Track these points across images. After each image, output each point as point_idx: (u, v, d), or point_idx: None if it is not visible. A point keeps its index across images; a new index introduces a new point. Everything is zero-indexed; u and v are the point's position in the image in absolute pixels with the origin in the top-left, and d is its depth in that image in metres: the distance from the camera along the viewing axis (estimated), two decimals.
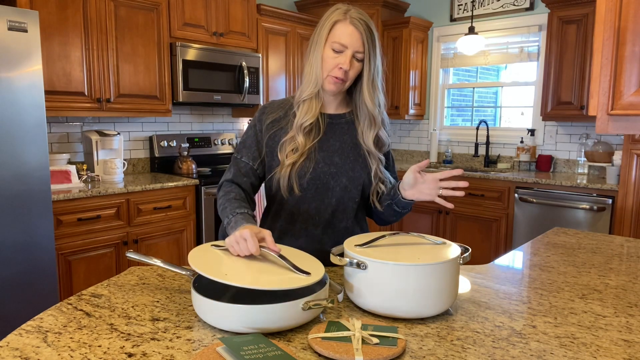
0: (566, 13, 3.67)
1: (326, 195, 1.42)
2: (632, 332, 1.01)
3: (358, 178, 1.42)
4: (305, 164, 1.38)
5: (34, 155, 2.42)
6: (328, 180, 1.40)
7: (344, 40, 1.31)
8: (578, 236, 1.87)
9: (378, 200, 1.46)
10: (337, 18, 1.32)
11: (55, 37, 2.80)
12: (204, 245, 1.18)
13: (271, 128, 1.42)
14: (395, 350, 0.87)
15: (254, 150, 1.44)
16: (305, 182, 1.38)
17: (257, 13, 3.83)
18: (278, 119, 1.43)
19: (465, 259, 1.10)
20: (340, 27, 1.31)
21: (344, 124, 1.45)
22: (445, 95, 4.92)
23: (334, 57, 1.32)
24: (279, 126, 1.42)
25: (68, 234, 2.69)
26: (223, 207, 1.32)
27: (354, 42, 1.31)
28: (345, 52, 1.32)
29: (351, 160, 1.42)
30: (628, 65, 0.91)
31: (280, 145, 1.40)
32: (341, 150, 1.42)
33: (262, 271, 1.04)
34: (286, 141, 1.39)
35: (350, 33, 1.31)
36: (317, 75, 1.35)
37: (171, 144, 3.70)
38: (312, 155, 1.39)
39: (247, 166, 1.43)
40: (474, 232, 3.97)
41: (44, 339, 0.92)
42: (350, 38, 1.31)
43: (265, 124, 1.43)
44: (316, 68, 1.35)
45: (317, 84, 1.36)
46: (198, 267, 1.00)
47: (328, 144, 1.42)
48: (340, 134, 1.43)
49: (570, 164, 4.10)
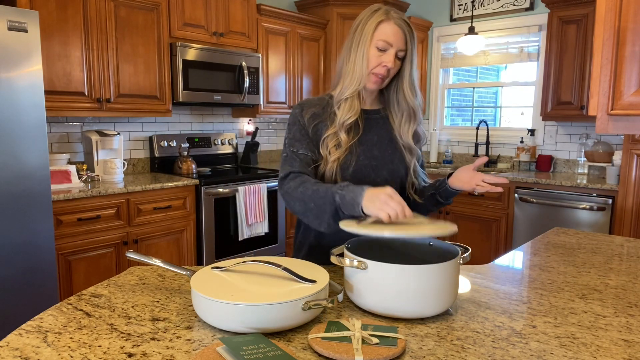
0: (566, 13, 3.67)
1: None
2: (632, 332, 1.01)
3: (397, 170, 1.47)
4: (347, 158, 1.41)
5: (34, 155, 2.42)
6: (369, 172, 1.43)
7: (390, 39, 1.35)
8: (578, 236, 1.87)
9: (419, 193, 1.51)
10: (381, 18, 1.36)
11: (55, 37, 2.80)
12: (205, 269, 1.14)
13: (312, 122, 1.43)
14: (395, 350, 0.87)
15: (307, 142, 1.42)
16: (348, 175, 1.40)
17: (257, 13, 3.83)
18: (318, 113, 1.44)
19: (465, 259, 1.10)
20: (386, 27, 1.35)
21: (379, 119, 1.48)
22: (445, 95, 4.92)
23: (378, 56, 1.36)
24: (320, 119, 1.43)
25: (68, 234, 2.69)
26: (314, 191, 1.27)
27: (398, 41, 1.35)
28: (389, 51, 1.35)
29: (389, 153, 1.46)
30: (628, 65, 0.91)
31: (322, 140, 1.41)
32: (379, 144, 1.46)
33: (269, 285, 1.02)
34: (328, 137, 1.40)
35: (395, 32, 1.35)
36: (361, 73, 1.38)
37: (171, 144, 3.70)
38: (354, 150, 1.42)
39: (307, 157, 1.40)
40: (474, 232, 3.97)
41: (44, 339, 0.92)
42: (395, 37, 1.35)
43: (306, 118, 1.43)
44: (360, 66, 1.37)
45: (361, 82, 1.39)
46: (206, 294, 0.97)
47: (366, 138, 1.45)
48: (377, 129, 1.47)
49: (570, 164, 4.10)
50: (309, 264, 1.15)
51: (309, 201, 1.28)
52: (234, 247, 3.49)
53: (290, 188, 1.33)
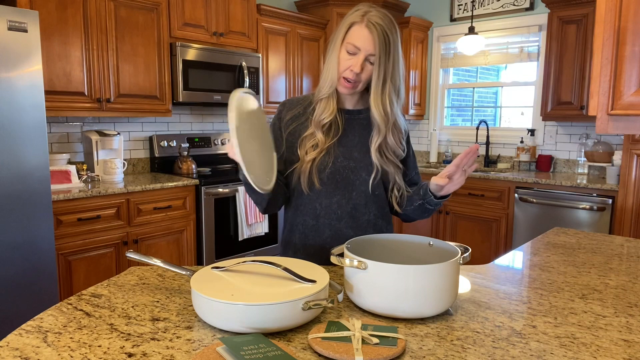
0: (566, 13, 3.67)
1: (346, 190, 1.42)
2: (632, 332, 1.01)
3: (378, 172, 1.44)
4: (324, 159, 1.39)
5: (34, 155, 2.42)
6: (348, 174, 1.41)
7: (357, 43, 1.31)
8: (578, 236, 1.87)
9: (406, 199, 1.46)
10: (354, 20, 1.32)
11: (55, 37, 2.80)
12: (205, 269, 1.14)
13: (290, 124, 1.43)
14: (395, 350, 0.87)
15: (278, 143, 1.43)
16: (325, 176, 1.40)
17: (257, 13, 3.83)
18: (297, 115, 1.43)
19: (465, 259, 1.10)
20: (356, 30, 1.31)
21: (362, 119, 1.45)
22: (445, 95, 4.92)
23: (347, 59, 1.33)
24: (299, 122, 1.43)
25: (68, 234, 2.69)
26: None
27: (367, 45, 1.30)
28: (357, 55, 1.32)
29: (370, 155, 1.43)
30: (628, 65, 0.91)
31: (300, 141, 1.41)
32: (360, 145, 1.43)
33: (269, 285, 1.02)
34: (306, 137, 1.40)
35: (363, 36, 1.30)
36: (332, 75, 1.36)
37: (171, 144, 3.70)
38: (332, 151, 1.40)
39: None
40: (474, 232, 3.97)
41: (44, 339, 0.92)
42: (363, 41, 1.30)
43: (284, 121, 1.44)
44: (332, 68, 1.36)
45: (333, 84, 1.37)
46: (206, 294, 0.96)
47: (347, 139, 1.43)
48: (359, 129, 1.44)
49: (570, 164, 4.10)
50: (309, 264, 1.15)
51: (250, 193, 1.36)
52: (234, 247, 3.49)
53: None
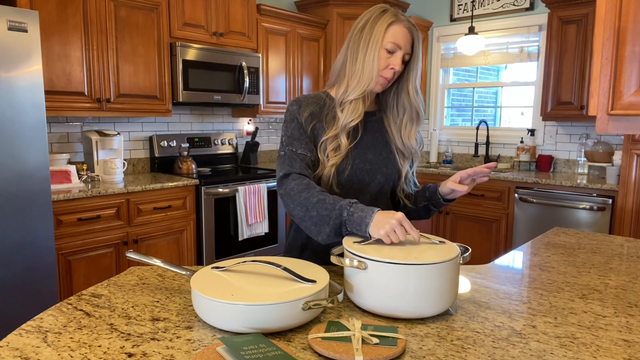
0: (566, 13, 3.67)
1: (362, 192, 1.42)
2: (632, 332, 1.01)
3: (390, 174, 1.46)
4: (343, 162, 1.38)
5: (34, 155, 2.42)
6: (364, 176, 1.42)
7: (399, 41, 1.33)
8: (578, 236, 1.86)
9: (409, 199, 1.52)
10: (392, 19, 1.33)
11: (55, 37, 2.80)
12: (205, 269, 1.14)
13: (310, 121, 1.38)
14: (395, 350, 0.87)
15: (306, 141, 1.37)
16: (343, 179, 1.39)
17: (257, 13, 3.83)
18: (315, 112, 1.39)
19: (465, 259, 1.10)
20: (396, 28, 1.33)
21: (374, 121, 1.46)
22: (445, 95, 4.92)
23: (387, 57, 1.34)
24: (317, 119, 1.39)
25: (68, 234, 2.69)
26: (319, 200, 1.24)
27: (407, 44, 1.34)
28: (397, 53, 1.34)
29: (383, 157, 1.45)
30: (628, 65, 0.91)
31: (320, 143, 1.38)
32: (374, 148, 1.44)
33: (269, 285, 1.02)
34: (327, 140, 1.37)
35: (404, 35, 1.33)
36: (370, 75, 1.34)
37: (171, 144, 3.70)
38: (350, 154, 1.40)
39: (307, 157, 1.36)
40: (474, 232, 3.97)
41: (44, 339, 0.92)
42: (404, 39, 1.33)
43: (304, 117, 1.38)
44: (369, 68, 1.34)
45: (370, 84, 1.35)
46: (206, 294, 0.97)
47: (362, 141, 1.43)
48: (372, 132, 1.45)
49: (570, 164, 4.10)
50: (309, 264, 1.15)
51: (312, 209, 1.24)
52: (234, 247, 3.49)
53: (292, 190, 1.29)
